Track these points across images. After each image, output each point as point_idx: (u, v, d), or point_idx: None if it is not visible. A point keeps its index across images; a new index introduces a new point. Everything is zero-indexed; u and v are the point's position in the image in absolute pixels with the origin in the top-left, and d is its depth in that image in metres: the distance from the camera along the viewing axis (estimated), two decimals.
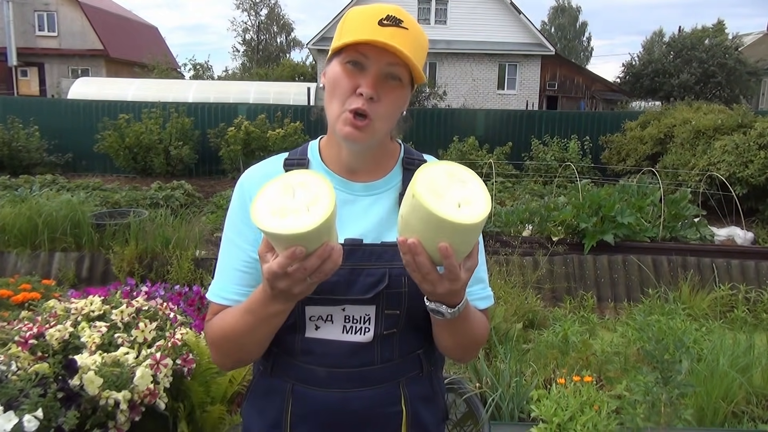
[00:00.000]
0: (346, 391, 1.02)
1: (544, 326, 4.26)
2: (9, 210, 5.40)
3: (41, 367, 1.59)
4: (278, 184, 0.84)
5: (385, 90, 0.95)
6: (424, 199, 0.80)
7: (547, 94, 23.23)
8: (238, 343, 0.98)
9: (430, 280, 0.85)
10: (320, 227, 0.78)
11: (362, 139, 0.96)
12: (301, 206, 0.80)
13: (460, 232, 0.81)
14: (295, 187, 0.83)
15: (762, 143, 7.52)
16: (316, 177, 0.84)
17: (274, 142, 10.47)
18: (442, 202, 0.81)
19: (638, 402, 2.04)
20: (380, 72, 0.94)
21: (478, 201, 0.83)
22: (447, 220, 0.79)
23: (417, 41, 0.94)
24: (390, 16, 0.92)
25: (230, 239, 1.05)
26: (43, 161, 11.13)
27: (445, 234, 0.81)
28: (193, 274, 4.92)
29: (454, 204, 0.82)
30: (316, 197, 0.81)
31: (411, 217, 0.83)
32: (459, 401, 1.80)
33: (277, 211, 0.80)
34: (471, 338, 1.04)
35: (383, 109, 0.95)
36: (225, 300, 1.02)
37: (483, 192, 0.84)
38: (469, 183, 0.85)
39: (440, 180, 0.85)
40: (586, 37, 45.95)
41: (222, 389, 2.24)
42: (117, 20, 27.89)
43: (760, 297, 4.89)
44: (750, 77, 21.38)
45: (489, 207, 0.82)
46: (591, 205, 5.89)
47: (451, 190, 0.84)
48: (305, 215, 0.79)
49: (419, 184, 0.82)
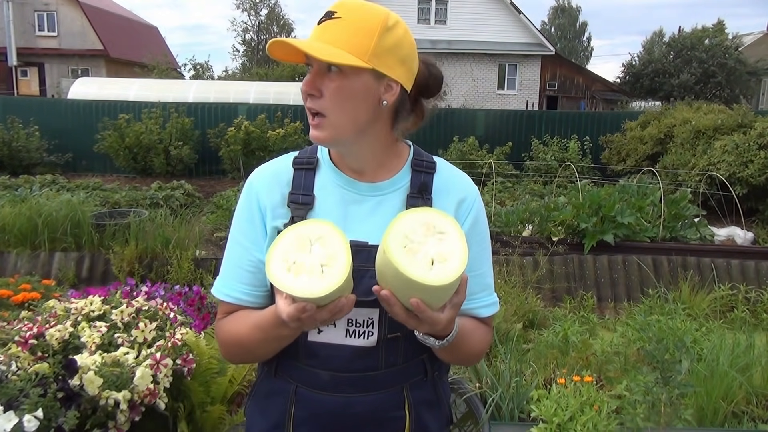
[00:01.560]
0: (350, 395, 1.02)
1: (544, 326, 4.26)
2: (9, 210, 5.39)
3: (41, 367, 1.59)
4: (294, 234, 0.83)
5: (325, 83, 0.94)
6: (394, 257, 0.79)
7: (547, 94, 23.23)
8: (248, 350, 1.02)
9: (410, 325, 0.87)
10: (332, 293, 0.78)
11: (322, 137, 0.97)
12: (315, 264, 0.80)
13: (431, 291, 0.80)
14: (313, 241, 0.83)
15: (762, 143, 7.52)
16: (335, 232, 0.83)
17: (274, 142, 10.47)
18: (413, 259, 0.80)
19: (638, 402, 2.04)
20: (319, 67, 0.95)
21: (453, 258, 0.81)
22: (416, 281, 0.78)
23: (351, 26, 0.92)
24: (328, 11, 0.94)
25: (236, 238, 1.06)
26: (43, 161, 11.13)
27: (416, 292, 0.80)
28: (193, 274, 4.91)
29: (427, 261, 0.80)
30: (333, 256, 0.81)
31: (385, 269, 0.82)
32: (459, 401, 1.80)
33: (292, 267, 0.80)
34: (469, 354, 1.05)
35: (329, 101, 0.95)
36: (230, 298, 1.04)
37: (460, 246, 0.82)
38: (447, 235, 0.83)
39: (416, 233, 0.82)
40: (586, 37, 45.97)
41: (222, 389, 2.24)
42: (117, 20, 27.88)
43: (760, 297, 4.89)
44: (750, 77, 21.40)
45: (464, 264, 0.80)
46: (591, 205, 5.89)
47: (426, 246, 0.82)
48: (318, 278, 0.79)
49: (391, 239, 0.80)
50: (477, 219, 1.07)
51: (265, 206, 1.04)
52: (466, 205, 1.06)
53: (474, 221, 1.07)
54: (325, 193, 1.04)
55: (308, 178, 1.05)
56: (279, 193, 1.04)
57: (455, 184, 1.08)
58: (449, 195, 1.05)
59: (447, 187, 1.06)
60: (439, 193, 1.05)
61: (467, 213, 1.06)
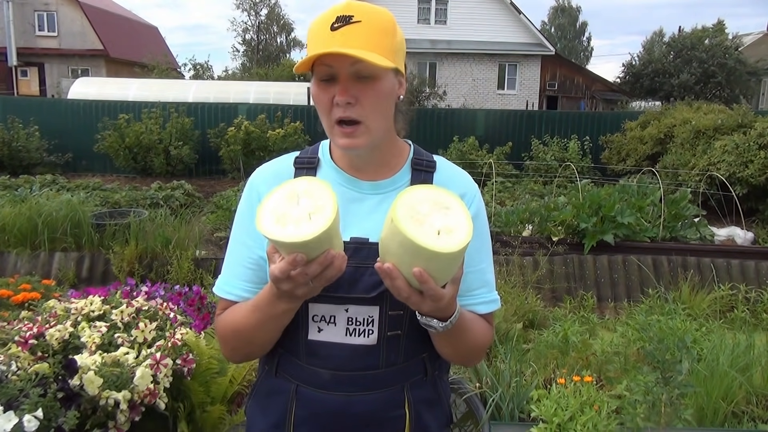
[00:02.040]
0: (351, 394, 1.02)
1: (544, 326, 4.26)
2: (9, 210, 5.40)
3: (41, 367, 1.59)
4: (284, 190, 0.85)
5: (360, 89, 0.94)
6: (402, 224, 0.79)
7: (547, 94, 23.22)
8: (247, 338, 1.00)
9: (413, 302, 0.86)
10: (320, 237, 0.78)
11: (360, 144, 0.97)
12: (303, 214, 0.81)
13: (438, 259, 0.80)
14: (300, 195, 0.84)
15: (762, 143, 7.52)
16: (322, 185, 0.84)
17: (274, 142, 10.48)
18: (420, 229, 0.80)
19: (638, 402, 2.04)
20: (348, 75, 0.94)
21: (459, 229, 0.81)
22: (424, 247, 0.78)
23: (373, 28, 0.93)
24: (340, 16, 0.91)
25: (238, 237, 1.06)
26: (43, 161, 11.13)
27: (423, 260, 0.80)
28: (193, 274, 4.92)
29: (434, 231, 0.81)
30: (320, 206, 0.82)
31: (389, 241, 0.82)
32: (459, 401, 1.80)
33: (280, 218, 0.81)
34: (470, 346, 1.04)
35: (368, 108, 0.95)
36: (231, 295, 1.04)
37: (466, 220, 0.82)
38: (452, 210, 0.84)
39: (422, 206, 0.83)
40: (586, 37, 45.96)
41: (222, 389, 2.24)
42: (117, 20, 27.88)
43: (760, 297, 4.89)
44: (750, 77, 21.39)
45: (470, 236, 0.80)
46: (591, 205, 5.89)
47: (432, 217, 0.82)
48: (306, 224, 0.80)
49: (399, 209, 0.81)
50: (477, 215, 1.07)
51: None
52: (466, 201, 1.07)
53: (474, 217, 1.07)
54: None
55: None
56: None
57: (455, 181, 1.08)
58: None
59: (447, 184, 1.06)
60: None
61: (468, 208, 1.06)
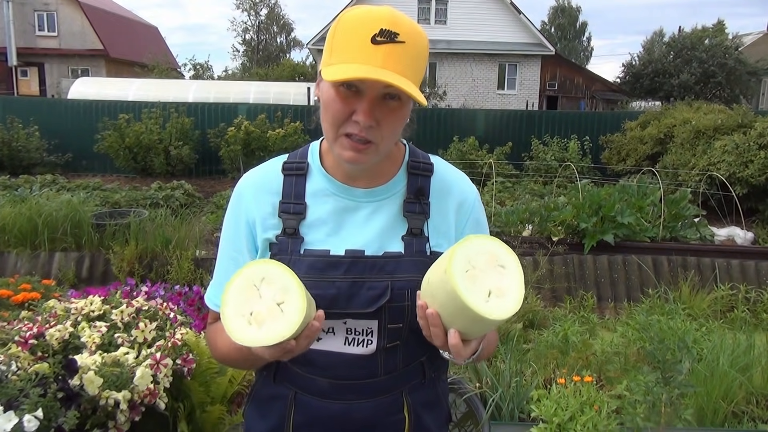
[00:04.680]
0: (350, 402, 1.01)
1: (544, 326, 4.26)
2: (9, 210, 5.39)
3: (41, 367, 1.59)
4: (239, 284, 0.82)
5: (384, 112, 0.89)
6: (456, 280, 0.77)
7: (547, 94, 23.22)
8: (235, 365, 1.08)
9: (439, 345, 0.87)
10: (302, 324, 0.79)
11: (365, 161, 0.93)
12: (272, 306, 0.80)
13: (482, 322, 0.79)
14: (257, 284, 0.82)
15: (762, 143, 7.52)
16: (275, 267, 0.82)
17: (274, 142, 10.47)
18: (473, 286, 0.79)
19: (638, 402, 2.04)
20: (376, 95, 0.88)
21: (510, 294, 0.80)
22: (471, 309, 0.77)
23: (415, 53, 0.87)
24: (384, 30, 0.84)
25: (224, 248, 1.06)
26: (43, 161, 11.13)
27: (466, 319, 0.79)
28: (193, 274, 4.91)
29: (485, 292, 0.79)
30: (283, 289, 0.80)
31: (438, 288, 0.81)
32: (459, 401, 1.80)
33: (252, 319, 0.79)
34: (484, 358, 1.10)
35: (385, 132, 0.90)
36: (216, 306, 1.04)
37: (518, 284, 0.80)
38: (508, 270, 0.82)
39: (480, 260, 0.81)
40: (586, 37, 45.90)
41: (222, 389, 2.24)
42: (117, 20, 27.87)
43: (760, 297, 4.89)
44: (750, 77, 21.37)
45: (519, 304, 0.79)
46: (591, 205, 5.88)
47: (487, 275, 0.80)
48: (281, 318, 0.79)
49: (456, 262, 0.79)
50: (478, 222, 1.07)
51: (254, 219, 1.02)
52: (466, 207, 1.05)
53: (475, 224, 1.07)
54: (317, 200, 1.01)
55: (299, 184, 1.01)
56: (269, 203, 1.01)
57: (453, 186, 1.06)
58: (448, 198, 1.04)
59: (445, 189, 1.04)
60: (437, 196, 1.03)
61: (468, 215, 1.06)
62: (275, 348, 0.80)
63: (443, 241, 1.01)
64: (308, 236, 0.98)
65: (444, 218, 1.03)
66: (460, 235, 1.03)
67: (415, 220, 1.00)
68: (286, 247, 0.98)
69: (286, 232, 0.98)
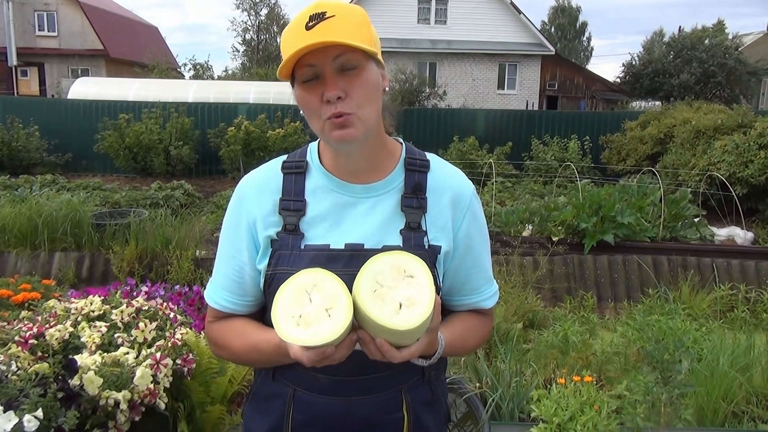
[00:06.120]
0: (349, 399, 1.02)
1: (544, 326, 4.26)
2: (9, 210, 5.39)
3: (41, 367, 1.59)
4: (291, 289, 0.87)
5: (347, 82, 0.92)
6: (364, 303, 0.84)
7: (547, 94, 23.23)
8: (240, 360, 1.10)
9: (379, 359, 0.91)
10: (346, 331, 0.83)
11: (355, 134, 0.94)
12: (320, 311, 0.85)
13: (401, 334, 0.85)
14: (309, 290, 0.87)
15: (762, 143, 7.52)
16: (326, 276, 0.88)
17: (274, 142, 10.48)
18: (383, 304, 0.84)
19: (638, 402, 2.04)
20: (333, 70, 0.92)
21: (421, 301, 0.84)
22: (385, 326, 0.82)
23: (349, 20, 0.91)
24: (312, 15, 0.90)
25: (224, 246, 1.08)
26: (43, 161, 11.13)
27: (386, 333, 0.85)
28: (193, 274, 4.92)
29: (395, 306, 0.84)
30: (332, 298, 0.85)
31: (357, 312, 0.86)
32: (459, 401, 1.80)
33: (301, 321, 0.85)
34: (467, 351, 1.13)
35: (357, 100, 0.93)
36: (217, 305, 1.07)
37: (429, 289, 0.85)
38: (416, 278, 0.87)
39: (386, 276, 0.87)
40: (586, 37, 45.88)
41: (222, 389, 2.24)
42: (117, 20, 27.87)
43: (760, 297, 4.89)
44: (750, 77, 21.37)
45: (431, 307, 0.84)
46: (591, 205, 5.89)
47: (395, 290, 0.86)
48: (327, 322, 0.84)
49: (362, 285, 0.85)
50: (475, 216, 1.08)
51: (254, 218, 1.03)
52: (462, 203, 1.06)
53: (473, 218, 1.08)
54: (317, 197, 1.03)
55: (298, 182, 1.04)
56: (269, 201, 1.03)
57: (450, 182, 1.07)
58: (444, 194, 1.05)
59: (442, 185, 1.06)
60: (434, 192, 1.05)
61: (465, 211, 1.06)
62: (315, 351, 0.84)
63: (441, 235, 1.03)
64: (308, 232, 1.01)
65: (441, 213, 1.04)
66: (459, 229, 1.05)
67: (413, 215, 1.02)
68: (287, 243, 1.00)
69: (286, 229, 1.01)
